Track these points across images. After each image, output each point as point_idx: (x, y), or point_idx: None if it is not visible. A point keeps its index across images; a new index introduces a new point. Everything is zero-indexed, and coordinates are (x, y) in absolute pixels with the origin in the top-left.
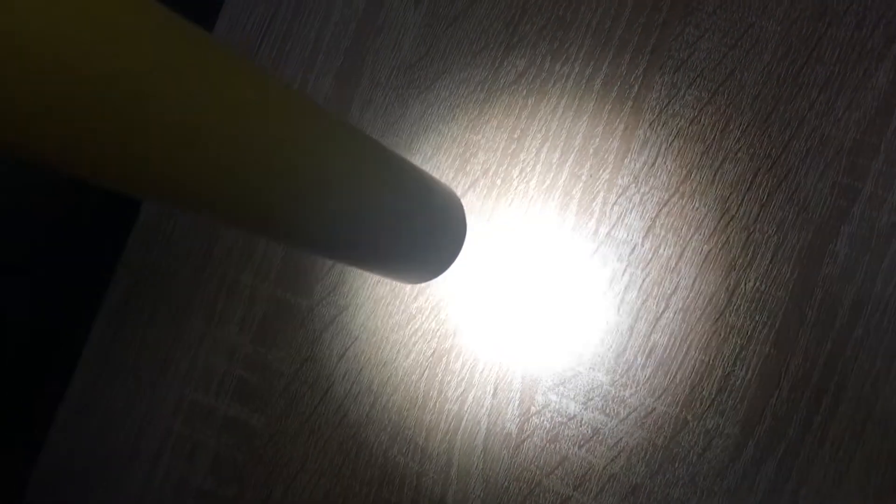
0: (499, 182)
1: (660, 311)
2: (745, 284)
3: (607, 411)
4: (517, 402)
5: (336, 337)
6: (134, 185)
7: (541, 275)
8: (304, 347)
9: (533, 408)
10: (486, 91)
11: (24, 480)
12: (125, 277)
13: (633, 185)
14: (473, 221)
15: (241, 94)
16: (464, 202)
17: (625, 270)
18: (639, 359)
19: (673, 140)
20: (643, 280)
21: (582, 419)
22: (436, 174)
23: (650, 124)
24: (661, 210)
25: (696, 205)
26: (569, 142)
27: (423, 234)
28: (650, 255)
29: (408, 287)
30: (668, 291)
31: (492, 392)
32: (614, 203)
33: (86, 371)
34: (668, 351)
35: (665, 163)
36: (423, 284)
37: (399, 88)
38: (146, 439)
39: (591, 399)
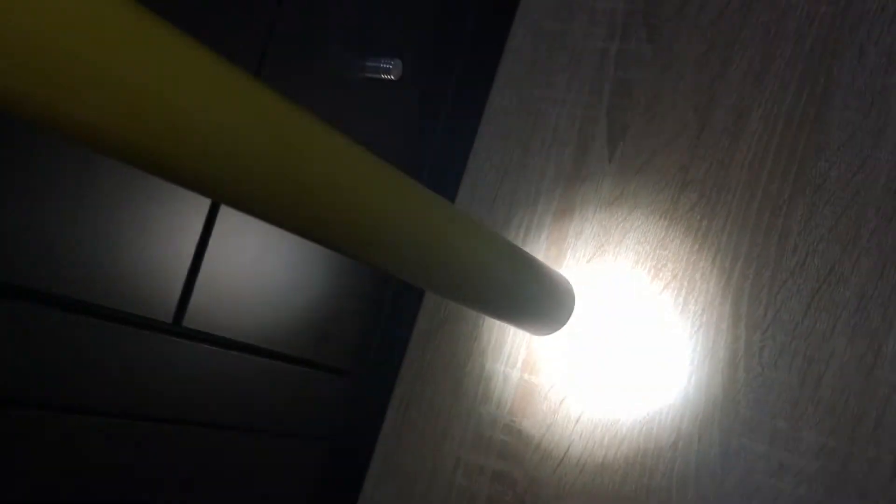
0: (685, 284)
1: (822, 372)
2: (886, 347)
3: (789, 448)
4: (717, 446)
5: (572, 406)
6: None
7: (730, 350)
8: (547, 415)
9: (730, 449)
10: (669, 219)
11: None
12: (409, 373)
13: (791, 279)
14: (667, 314)
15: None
16: (660, 300)
17: (791, 342)
18: (809, 408)
19: (817, 244)
20: (806, 348)
21: (770, 456)
22: (634, 282)
23: (798, 234)
24: (814, 296)
25: (841, 290)
26: (737, 250)
27: (532, 303)
28: (809, 330)
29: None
30: (827, 356)
31: (696, 440)
32: (777, 293)
33: (385, 443)
34: (831, 401)
35: (813, 261)
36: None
37: (602, 221)
38: (435, 491)
39: (775, 441)
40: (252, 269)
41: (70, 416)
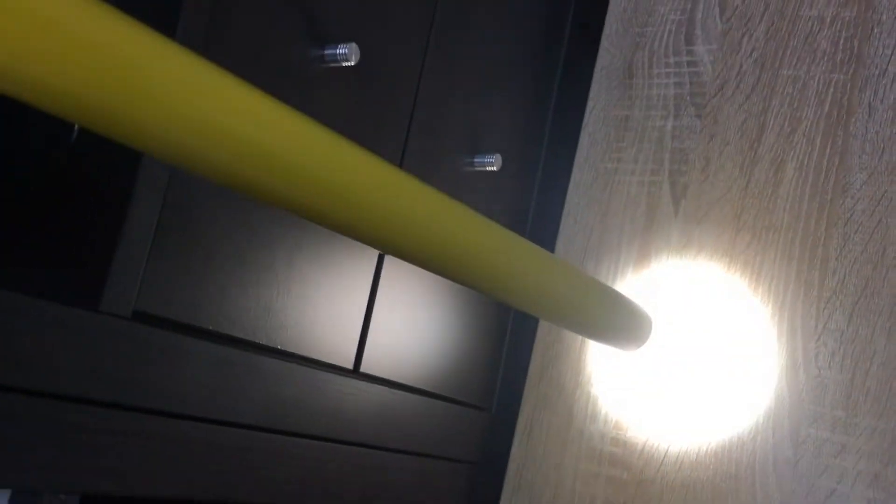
0: (748, 307)
1: (868, 368)
2: None
3: (847, 433)
4: (788, 437)
5: (665, 415)
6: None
7: (791, 358)
8: (646, 425)
9: (799, 438)
10: (729, 257)
11: None
12: (529, 403)
13: (834, 296)
14: (735, 332)
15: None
16: (728, 321)
17: (840, 347)
18: (860, 398)
19: (852, 265)
20: (853, 350)
21: (833, 440)
22: (705, 308)
23: (836, 259)
24: (854, 308)
25: (876, 300)
26: (787, 277)
27: (615, 322)
28: (854, 335)
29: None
30: (870, 355)
31: (771, 433)
32: (824, 308)
33: (515, 462)
34: (878, 391)
35: (851, 279)
36: None
37: (674, 264)
38: (560, 499)
39: (836, 427)
40: (407, 318)
41: (276, 435)
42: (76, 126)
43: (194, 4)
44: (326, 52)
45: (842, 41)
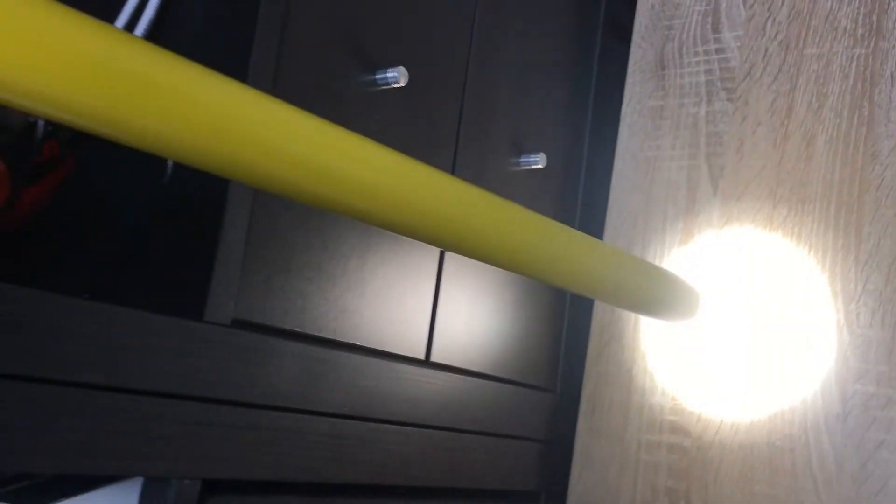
0: (791, 275)
1: (892, 340)
2: None
3: (892, 385)
4: (836, 394)
5: (720, 382)
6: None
7: (833, 320)
8: (702, 393)
9: (846, 394)
10: (768, 230)
11: None
12: (590, 382)
13: (870, 259)
14: (779, 299)
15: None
16: (773, 290)
17: (879, 306)
18: None
19: (886, 229)
20: (892, 308)
21: (879, 394)
22: (750, 280)
23: (870, 223)
24: (890, 269)
25: None
26: (825, 245)
27: (662, 294)
28: (892, 294)
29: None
30: None
31: (820, 392)
32: (862, 271)
33: (581, 439)
34: None
35: (885, 242)
36: None
37: (716, 240)
38: (626, 468)
39: (881, 381)
40: (470, 310)
41: (360, 422)
42: (169, 164)
43: (262, 46)
44: (378, 76)
45: (861, 17)
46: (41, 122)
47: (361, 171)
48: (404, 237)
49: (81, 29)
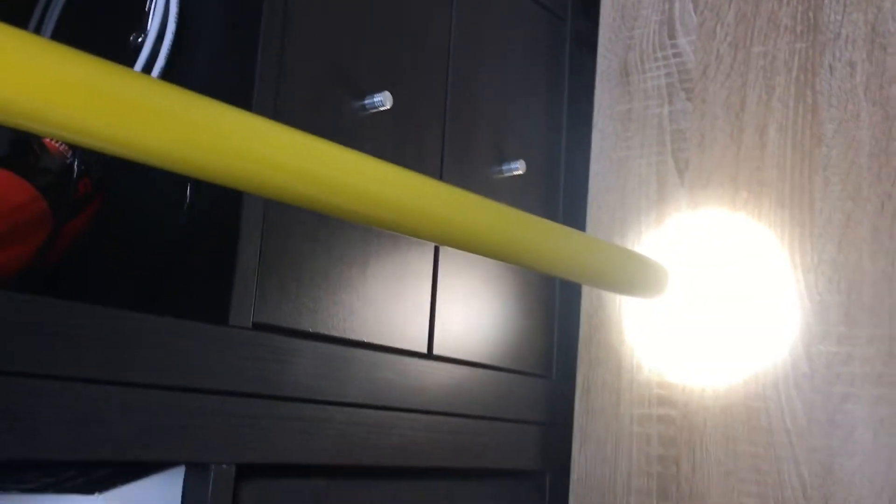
0: (753, 251)
1: (860, 288)
2: None
3: (851, 343)
4: (803, 355)
5: (698, 352)
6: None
7: (794, 289)
8: (684, 365)
9: (812, 354)
10: (730, 213)
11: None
12: (584, 364)
13: (823, 231)
14: (743, 274)
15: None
16: (737, 266)
17: (834, 273)
18: (858, 314)
19: (835, 203)
20: (845, 274)
21: (840, 352)
22: (715, 258)
23: (821, 199)
24: (841, 240)
25: (859, 230)
26: (782, 222)
27: (631, 274)
28: (844, 262)
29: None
30: (861, 277)
31: (787, 354)
32: (816, 242)
33: (579, 419)
34: (871, 305)
35: (835, 216)
36: None
37: (685, 224)
38: (622, 442)
39: (841, 340)
40: (467, 304)
41: (374, 410)
42: (188, 193)
43: (263, 80)
44: (366, 101)
45: (799, 14)
46: (76, 163)
47: (359, 180)
48: (400, 245)
49: (125, 78)
